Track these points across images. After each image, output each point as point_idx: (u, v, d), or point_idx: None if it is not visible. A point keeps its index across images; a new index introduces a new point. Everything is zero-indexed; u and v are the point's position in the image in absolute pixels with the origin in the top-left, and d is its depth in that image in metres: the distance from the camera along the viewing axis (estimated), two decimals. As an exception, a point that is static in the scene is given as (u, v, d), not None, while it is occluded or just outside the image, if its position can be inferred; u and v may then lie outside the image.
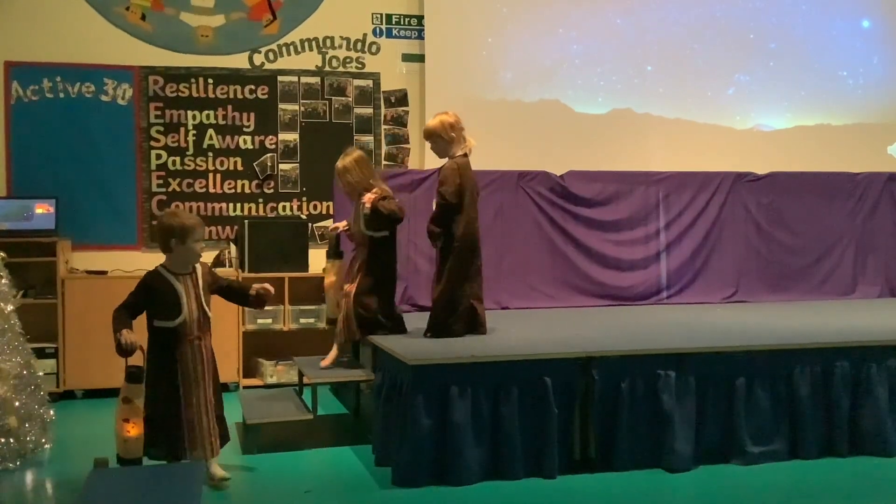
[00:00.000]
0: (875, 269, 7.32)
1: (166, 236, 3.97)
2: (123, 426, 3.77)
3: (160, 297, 3.95)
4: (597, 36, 7.64)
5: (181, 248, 3.96)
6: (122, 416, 3.79)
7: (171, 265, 4.01)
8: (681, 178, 7.07)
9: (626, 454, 4.28)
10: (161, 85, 6.93)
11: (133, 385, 3.83)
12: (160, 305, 3.95)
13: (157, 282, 3.99)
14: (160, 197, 6.91)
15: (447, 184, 4.87)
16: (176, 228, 3.96)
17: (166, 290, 3.96)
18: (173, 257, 4.00)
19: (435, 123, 5.08)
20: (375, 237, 4.98)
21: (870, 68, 8.19)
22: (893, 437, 4.53)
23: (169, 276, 3.99)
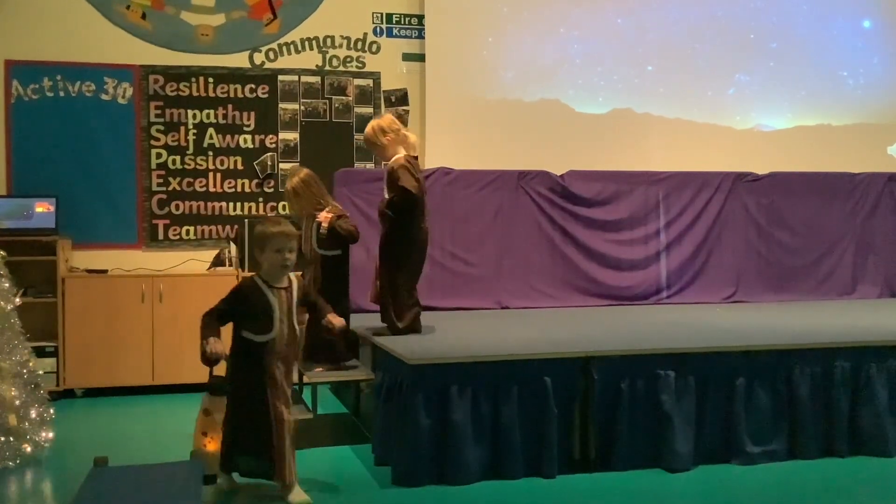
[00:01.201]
0: (875, 270, 7.33)
1: (254, 245, 3.85)
2: (201, 439, 3.67)
3: (252, 308, 3.72)
4: (597, 36, 7.64)
5: (264, 258, 3.78)
6: (200, 428, 3.69)
7: (266, 275, 3.80)
8: (681, 178, 7.07)
9: (626, 454, 4.29)
10: (161, 84, 6.93)
11: (216, 397, 3.68)
12: (251, 317, 3.71)
13: (250, 291, 3.76)
14: (160, 196, 6.91)
15: (405, 179, 4.80)
16: (257, 236, 3.80)
17: (259, 301, 3.73)
18: (264, 267, 3.81)
19: (367, 130, 5.06)
20: (328, 256, 4.94)
21: (870, 68, 8.19)
22: (893, 438, 4.53)
23: (264, 286, 3.77)
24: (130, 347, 6.29)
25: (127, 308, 6.29)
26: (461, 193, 6.61)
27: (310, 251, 4.98)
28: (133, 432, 5.20)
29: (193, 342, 5.84)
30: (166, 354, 6.31)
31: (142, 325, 6.32)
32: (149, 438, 5.00)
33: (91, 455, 3.54)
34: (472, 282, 6.55)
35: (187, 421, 4.99)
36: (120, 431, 5.26)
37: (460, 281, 6.52)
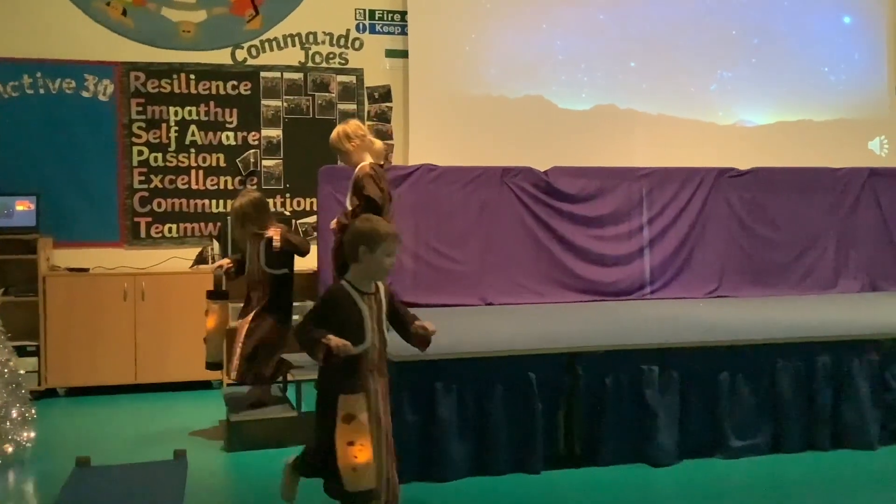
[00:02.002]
0: (856, 264, 7.37)
1: (356, 243, 3.41)
2: (348, 451, 3.16)
3: (344, 316, 3.38)
4: (580, 32, 7.65)
5: (369, 259, 3.39)
6: (345, 438, 3.18)
7: (356, 280, 3.44)
8: (664, 174, 7.09)
9: (611, 449, 4.30)
10: (143, 81, 6.88)
11: (354, 396, 3.23)
12: (342, 327, 3.35)
13: (342, 298, 3.40)
14: (142, 193, 6.87)
15: (371, 189, 4.79)
16: (366, 234, 3.41)
17: (351, 309, 3.39)
18: (359, 269, 3.43)
19: (332, 136, 5.04)
20: (277, 275, 4.89)
21: (851, 64, 8.24)
22: (874, 431, 4.57)
23: (354, 292, 3.41)
24: (113, 346, 6.25)
25: (109, 307, 6.25)
26: (445, 190, 6.60)
27: (257, 271, 4.91)
28: (116, 432, 5.16)
29: (176, 340, 5.84)
30: (149, 353, 6.27)
31: (124, 323, 6.28)
32: (132, 438, 4.97)
33: (73, 455, 3.51)
34: (456, 278, 6.54)
35: (170, 420, 4.99)
36: (102, 431, 5.23)
37: (444, 277, 6.51)
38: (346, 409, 3.18)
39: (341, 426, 3.18)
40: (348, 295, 3.40)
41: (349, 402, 3.19)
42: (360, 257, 3.39)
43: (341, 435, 3.18)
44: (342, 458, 3.17)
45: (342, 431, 3.18)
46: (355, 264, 3.42)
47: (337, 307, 3.38)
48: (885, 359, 4.67)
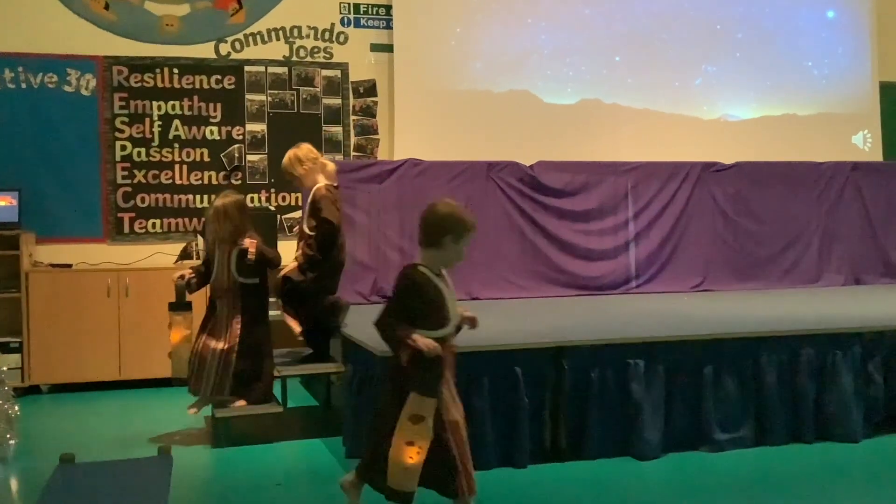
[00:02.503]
0: (840, 258, 7.42)
1: (441, 230, 3.30)
2: (405, 450, 3.12)
3: (427, 300, 3.27)
4: (565, 26, 7.65)
5: (452, 248, 3.31)
6: (405, 437, 3.14)
7: (430, 264, 3.33)
8: (649, 169, 7.11)
9: (597, 443, 4.31)
10: (125, 75, 6.83)
11: (428, 399, 3.15)
12: (425, 311, 3.26)
13: (424, 282, 3.29)
14: (125, 188, 6.82)
15: (326, 209, 4.81)
16: (456, 223, 3.31)
17: (433, 292, 3.29)
18: (437, 256, 3.33)
19: (284, 161, 5.08)
20: (249, 284, 4.74)
21: (834, 59, 8.28)
22: (858, 423, 4.60)
23: (431, 275, 3.31)
24: (96, 342, 6.21)
25: (92, 303, 6.21)
26: (430, 185, 6.59)
27: (227, 279, 4.72)
28: (100, 429, 5.14)
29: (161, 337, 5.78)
30: (133, 349, 6.24)
31: (108, 319, 6.24)
32: (116, 435, 4.94)
33: (57, 452, 3.48)
34: (442, 273, 6.53)
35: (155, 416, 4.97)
36: (87, 428, 5.20)
37: (430, 272, 6.50)
38: (417, 409, 3.14)
39: (406, 423, 3.14)
40: (429, 278, 3.29)
41: (422, 403, 3.14)
42: (445, 244, 3.30)
43: (403, 431, 3.14)
44: (396, 453, 3.14)
45: (405, 428, 3.14)
46: (433, 250, 3.32)
47: (418, 291, 3.27)
48: (868, 352, 4.70)
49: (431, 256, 3.33)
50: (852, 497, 3.82)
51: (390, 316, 3.26)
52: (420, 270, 3.30)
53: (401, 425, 3.15)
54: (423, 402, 3.15)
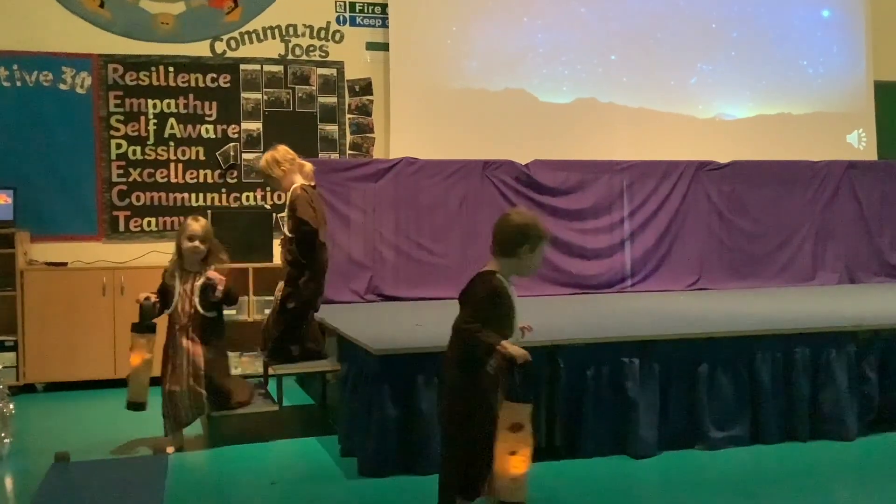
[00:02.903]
0: (835, 256, 7.44)
1: (518, 239, 3.30)
2: (510, 461, 3.05)
3: (503, 308, 3.29)
4: (561, 25, 7.66)
5: (528, 258, 3.32)
6: (507, 448, 3.05)
7: (505, 273, 3.33)
8: (644, 167, 7.12)
9: (592, 441, 4.31)
10: (121, 73, 6.82)
11: (524, 406, 3.10)
12: (499, 319, 3.25)
13: (502, 290, 3.29)
14: (120, 187, 6.81)
15: (305, 212, 4.80)
16: (532, 233, 3.31)
17: (508, 300, 3.31)
18: (511, 265, 3.33)
19: (261, 164, 5.09)
20: (208, 318, 4.57)
21: (829, 57, 8.30)
22: (852, 422, 4.61)
23: (507, 284, 3.32)
24: (91, 341, 6.20)
25: (88, 301, 6.20)
26: (426, 183, 6.60)
27: (189, 307, 4.47)
28: (95, 427, 5.13)
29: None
30: (128, 348, 6.21)
31: (103, 318, 6.23)
32: (111, 433, 4.93)
33: (52, 451, 3.48)
34: (437, 271, 6.54)
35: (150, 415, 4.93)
36: (82, 426, 5.19)
37: (426, 271, 6.52)
38: (515, 417, 3.07)
39: (506, 434, 3.06)
40: (504, 287, 3.30)
41: (519, 410, 3.08)
42: (520, 254, 3.29)
43: (505, 443, 3.06)
44: (501, 466, 3.07)
45: (506, 439, 3.06)
46: (507, 259, 3.31)
47: (501, 300, 3.27)
48: (862, 350, 4.71)
49: (506, 265, 3.32)
50: (847, 495, 3.83)
51: (475, 322, 3.21)
52: (499, 278, 3.30)
53: (502, 436, 3.08)
54: (519, 410, 3.09)
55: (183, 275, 4.54)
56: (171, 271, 4.56)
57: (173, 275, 4.54)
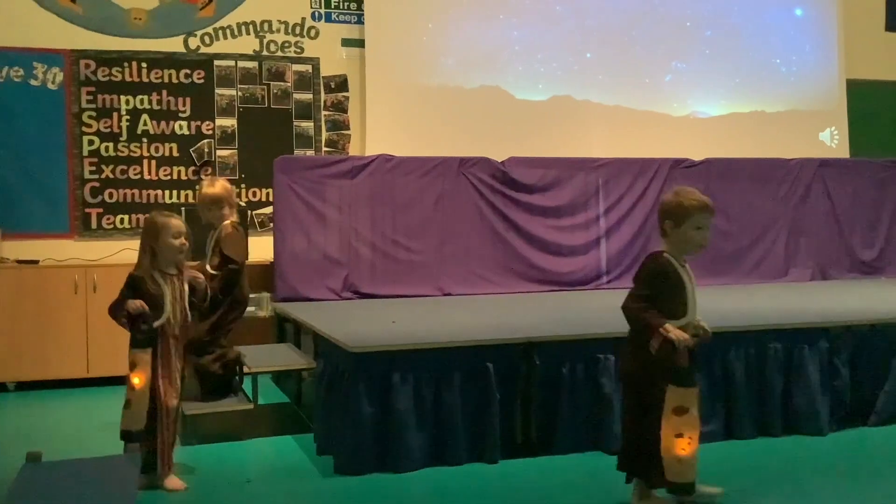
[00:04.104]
0: (807, 253, 7.51)
1: (661, 218, 3.41)
2: (676, 443, 3.19)
3: (670, 287, 3.32)
4: (537, 22, 7.67)
5: (676, 234, 3.36)
6: (674, 429, 3.19)
7: (672, 252, 3.39)
8: (620, 165, 7.15)
9: (567, 437, 4.33)
10: (93, 69, 6.75)
11: (689, 390, 3.21)
12: (668, 298, 3.30)
13: (670, 269, 3.35)
14: (93, 184, 6.74)
15: (234, 247, 4.77)
16: (671, 209, 3.36)
17: (676, 279, 3.34)
18: (669, 243, 3.40)
19: (219, 191, 4.85)
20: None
21: (802, 56, 8.37)
22: (824, 417, 4.66)
23: (675, 263, 3.35)
24: (64, 340, 6.13)
25: (59, 299, 6.13)
26: (402, 180, 6.58)
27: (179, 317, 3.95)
28: (68, 426, 5.08)
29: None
30: (101, 346, 6.16)
31: (75, 316, 6.16)
32: (84, 432, 4.89)
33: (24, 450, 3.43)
34: (413, 269, 6.53)
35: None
36: (54, 425, 5.14)
37: (402, 268, 6.50)
38: (679, 401, 3.16)
39: (671, 417, 3.16)
40: (673, 265, 3.34)
41: (683, 394, 3.16)
42: (668, 232, 3.37)
43: (670, 425, 3.16)
44: (667, 448, 3.18)
45: (671, 422, 3.16)
46: (665, 238, 3.40)
47: (666, 278, 3.32)
48: (834, 346, 4.76)
49: (668, 244, 3.40)
50: (820, 489, 3.87)
51: (639, 301, 3.28)
52: (665, 257, 3.36)
53: (667, 418, 3.19)
54: (684, 393, 3.18)
55: (166, 279, 3.96)
56: (151, 276, 3.90)
57: (156, 280, 3.91)
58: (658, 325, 3.19)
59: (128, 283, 3.91)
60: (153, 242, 3.92)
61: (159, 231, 3.93)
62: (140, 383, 3.83)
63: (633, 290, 3.38)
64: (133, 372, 3.84)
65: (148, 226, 3.98)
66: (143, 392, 3.83)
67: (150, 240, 3.93)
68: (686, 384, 3.21)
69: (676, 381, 3.20)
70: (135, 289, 3.88)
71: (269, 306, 6.42)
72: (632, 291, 3.38)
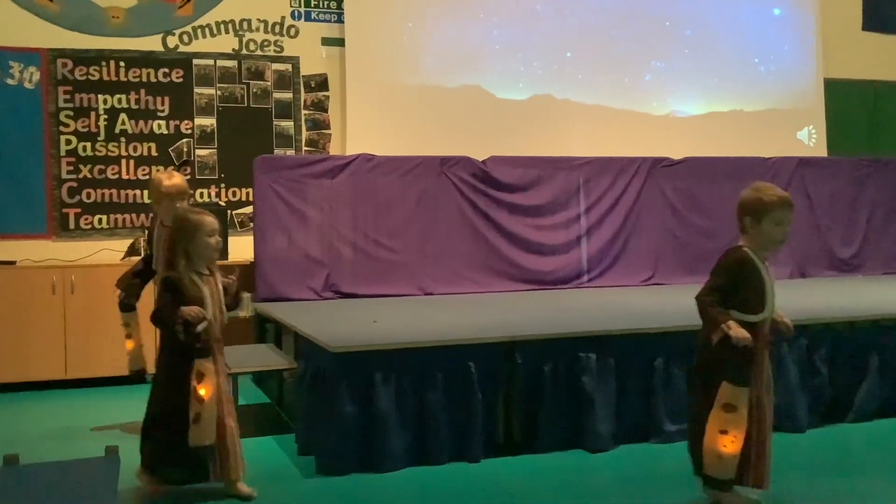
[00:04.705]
0: (786, 251, 7.51)
1: (740, 213, 3.37)
2: (719, 439, 3.20)
3: (747, 281, 3.30)
4: (517, 21, 7.68)
5: (756, 230, 3.33)
6: (719, 425, 3.20)
7: (752, 248, 3.35)
8: (600, 164, 7.17)
9: (549, 436, 4.34)
10: (70, 68, 6.69)
11: (739, 388, 3.21)
12: (744, 293, 3.28)
13: (748, 263, 3.31)
14: (71, 183, 6.68)
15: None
16: (750, 204, 3.34)
17: (755, 275, 3.31)
18: (749, 240, 3.36)
19: (183, 182, 4.72)
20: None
21: (781, 55, 8.43)
22: (804, 414, 4.69)
23: (756, 259, 3.32)
24: (42, 341, 6.07)
25: (37, 300, 6.07)
26: (383, 180, 6.57)
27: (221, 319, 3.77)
28: (45, 428, 5.03)
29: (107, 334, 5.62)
30: (79, 348, 6.11)
31: (53, 317, 6.10)
32: (62, 434, 4.84)
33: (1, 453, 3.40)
34: (395, 268, 6.52)
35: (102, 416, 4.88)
36: (32, 428, 5.08)
37: (384, 268, 6.49)
38: (729, 398, 3.16)
39: (719, 412, 3.17)
40: (751, 260, 3.31)
41: (734, 392, 3.16)
42: (747, 228, 3.33)
43: (716, 420, 3.17)
44: (710, 442, 3.19)
45: (718, 417, 3.17)
46: (744, 234, 3.36)
47: (742, 272, 3.30)
48: (813, 344, 4.80)
49: (746, 240, 3.37)
50: (799, 486, 3.89)
51: (711, 293, 3.28)
52: (745, 251, 3.33)
53: (714, 413, 3.18)
54: (735, 392, 3.17)
55: (202, 279, 3.70)
56: (189, 278, 3.64)
57: (194, 281, 3.65)
58: (722, 321, 3.19)
59: (166, 286, 3.66)
60: (187, 242, 3.66)
61: (194, 230, 3.67)
62: (208, 394, 3.60)
63: (708, 282, 3.36)
64: (200, 384, 3.59)
65: (180, 224, 3.72)
66: (211, 404, 3.61)
67: (185, 239, 3.67)
68: (739, 382, 3.20)
69: (730, 378, 3.20)
70: (174, 291, 3.62)
71: (250, 306, 6.38)
72: (707, 283, 3.37)
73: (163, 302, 3.65)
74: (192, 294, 3.63)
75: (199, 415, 3.58)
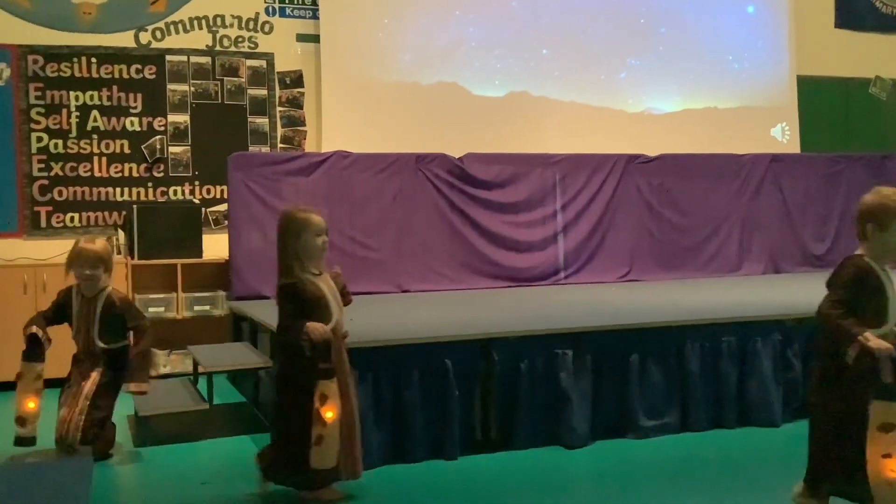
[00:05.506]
0: (760, 247, 7.62)
1: (863, 219, 3.12)
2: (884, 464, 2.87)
3: (867, 292, 3.09)
4: (493, 18, 7.67)
5: (879, 238, 3.10)
6: (880, 449, 2.86)
7: (871, 256, 3.12)
8: (576, 161, 7.18)
9: (526, 433, 4.34)
10: (41, 64, 6.60)
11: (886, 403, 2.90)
12: (865, 304, 3.07)
13: (867, 272, 3.10)
14: (42, 181, 6.60)
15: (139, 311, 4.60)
16: (875, 210, 3.10)
17: (874, 284, 3.09)
18: (869, 248, 3.13)
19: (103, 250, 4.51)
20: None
21: (754, 53, 8.49)
22: (778, 409, 4.73)
23: (878, 269, 3.11)
24: (13, 341, 5.96)
25: (8, 300, 5.98)
26: (359, 177, 6.55)
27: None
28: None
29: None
30: (52, 348, 6.01)
31: (25, 317, 5.97)
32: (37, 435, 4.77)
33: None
34: (371, 266, 6.50)
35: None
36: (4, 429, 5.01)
37: (360, 265, 6.46)
38: (885, 416, 2.87)
39: (876, 434, 2.88)
40: (873, 270, 3.09)
41: (889, 409, 2.88)
42: (869, 235, 3.11)
43: (875, 444, 2.88)
44: (875, 471, 2.87)
45: (877, 440, 2.87)
46: (864, 241, 3.13)
47: (865, 283, 3.07)
48: (787, 338, 4.84)
49: (867, 247, 3.14)
50: (773, 480, 3.92)
51: (837, 307, 3.04)
52: (865, 260, 3.12)
53: (871, 437, 2.90)
54: (890, 408, 2.89)
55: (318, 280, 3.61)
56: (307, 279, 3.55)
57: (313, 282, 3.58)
58: (857, 334, 2.94)
59: (285, 294, 3.47)
60: (294, 243, 3.50)
61: (300, 229, 3.50)
62: (333, 416, 3.41)
63: (829, 295, 3.11)
64: (325, 406, 3.39)
65: (286, 224, 3.54)
66: (335, 426, 3.43)
67: (291, 240, 3.51)
68: (892, 398, 2.91)
69: (881, 395, 2.91)
70: (294, 298, 3.45)
71: (225, 305, 6.35)
72: (828, 296, 3.12)
73: (286, 316, 3.46)
74: (313, 294, 3.46)
75: (322, 438, 3.40)
